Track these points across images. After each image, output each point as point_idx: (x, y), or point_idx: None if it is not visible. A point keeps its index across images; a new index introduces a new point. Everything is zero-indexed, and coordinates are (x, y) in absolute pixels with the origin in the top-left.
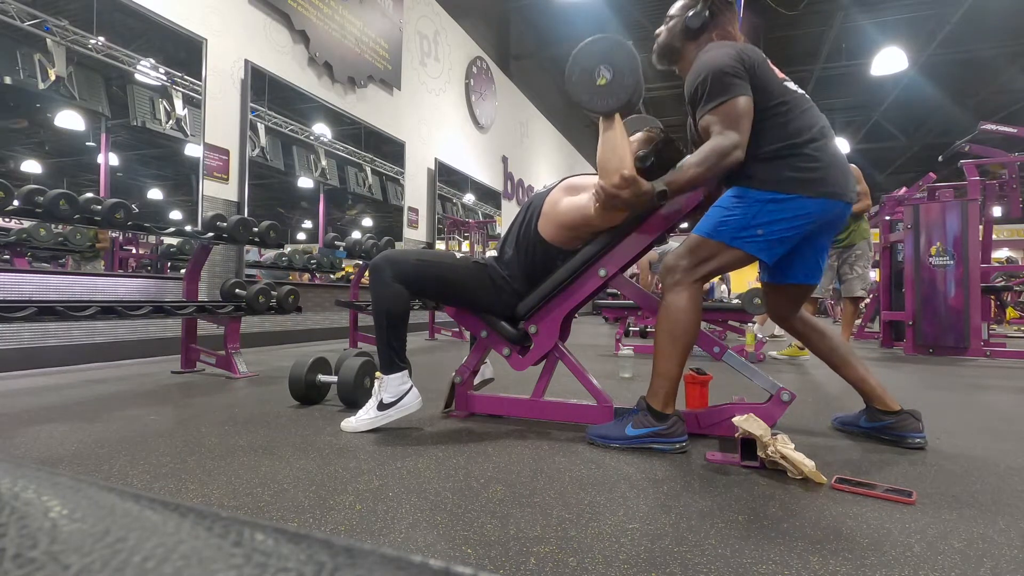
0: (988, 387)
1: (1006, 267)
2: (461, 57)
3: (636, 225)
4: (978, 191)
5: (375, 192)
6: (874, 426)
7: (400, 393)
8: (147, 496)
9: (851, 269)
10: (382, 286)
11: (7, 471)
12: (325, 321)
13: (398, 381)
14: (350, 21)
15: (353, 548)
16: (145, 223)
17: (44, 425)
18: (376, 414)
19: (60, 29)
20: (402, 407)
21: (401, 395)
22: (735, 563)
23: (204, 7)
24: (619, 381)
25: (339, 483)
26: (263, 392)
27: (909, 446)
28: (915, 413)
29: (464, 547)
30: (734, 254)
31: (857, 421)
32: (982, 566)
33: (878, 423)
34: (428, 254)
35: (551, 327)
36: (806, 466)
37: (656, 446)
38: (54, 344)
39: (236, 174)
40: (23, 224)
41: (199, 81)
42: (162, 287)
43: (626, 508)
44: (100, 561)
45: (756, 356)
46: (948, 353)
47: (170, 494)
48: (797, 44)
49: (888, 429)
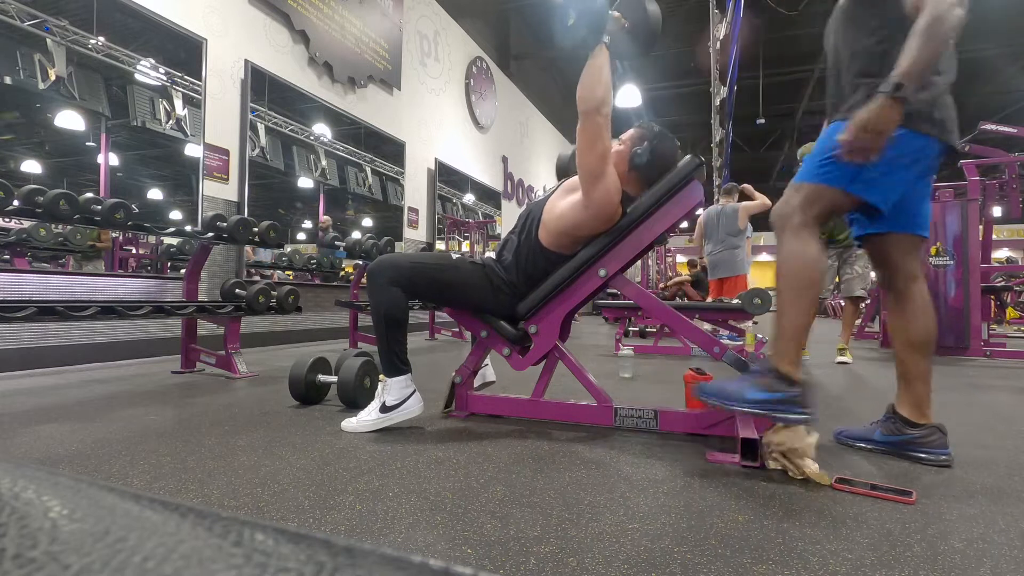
0: (988, 387)
1: (1006, 267)
2: (461, 57)
3: (636, 225)
4: (978, 191)
5: (375, 192)
6: (893, 440)
7: (403, 396)
8: (147, 496)
9: (851, 269)
10: (379, 290)
11: (7, 471)
12: (325, 321)
13: (401, 384)
14: (350, 21)
15: (353, 548)
16: (145, 223)
17: (44, 425)
18: (378, 416)
19: (60, 29)
20: (404, 410)
21: (404, 398)
22: (735, 563)
23: (204, 7)
24: (619, 381)
25: (339, 483)
26: (263, 392)
27: (933, 464)
28: (941, 427)
29: (464, 547)
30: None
31: (870, 435)
32: (982, 566)
33: (899, 437)
34: (424, 257)
35: (551, 327)
36: (809, 468)
37: (783, 415)
38: (54, 344)
39: (236, 174)
40: (23, 224)
41: (199, 81)
42: (162, 287)
43: (626, 508)
44: (100, 561)
45: (756, 356)
46: (948, 353)
47: (170, 494)
48: (797, 44)
49: (911, 444)
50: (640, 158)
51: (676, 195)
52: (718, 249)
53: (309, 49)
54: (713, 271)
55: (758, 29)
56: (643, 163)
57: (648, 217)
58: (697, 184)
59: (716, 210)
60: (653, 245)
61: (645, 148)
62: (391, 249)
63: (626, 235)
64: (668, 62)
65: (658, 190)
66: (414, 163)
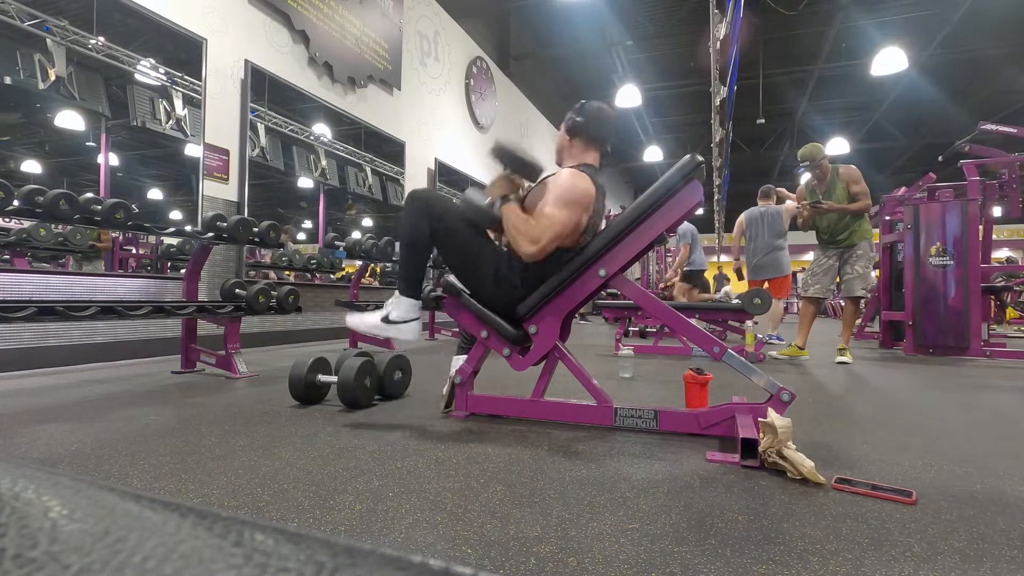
0: (988, 387)
1: (1006, 267)
2: (461, 57)
3: (636, 225)
4: (978, 191)
5: (375, 192)
6: None
7: (407, 317)
8: (147, 496)
9: (852, 269)
10: (411, 215)
11: (7, 471)
12: (325, 321)
13: (409, 306)
14: (350, 21)
15: (353, 548)
16: (145, 223)
17: (44, 425)
18: (380, 324)
19: (60, 29)
20: (403, 329)
21: (407, 319)
22: (735, 563)
23: (204, 7)
24: (619, 381)
25: (339, 483)
26: (263, 392)
27: None
28: None
29: (464, 547)
30: None
31: None
32: (982, 566)
33: None
34: (465, 211)
35: (551, 327)
36: (805, 466)
37: None
38: (54, 344)
39: (236, 174)
40: (23, 224)
41: (199, 81)
42: (162, 287)
43: (626, 508)
44: (100, 561)
45: (756, 356)
46: (948, 353)
47: (170, 494)
48: (797, 44)
49: None
50: (575, 124)
51: (676, 195)
52: (764, 250)
53: (309, 49)
54: (758, 272)
55: (758, 29)
56: (578, 125)
57: (648, 217)
58: (697, 184)
59: (759, 212)
60: (653, 245)
61: (574, 117)
62: (391, 249)
63: (626, 235)
64: (668, 62)
65: (658, 189)
66: (414, 163)
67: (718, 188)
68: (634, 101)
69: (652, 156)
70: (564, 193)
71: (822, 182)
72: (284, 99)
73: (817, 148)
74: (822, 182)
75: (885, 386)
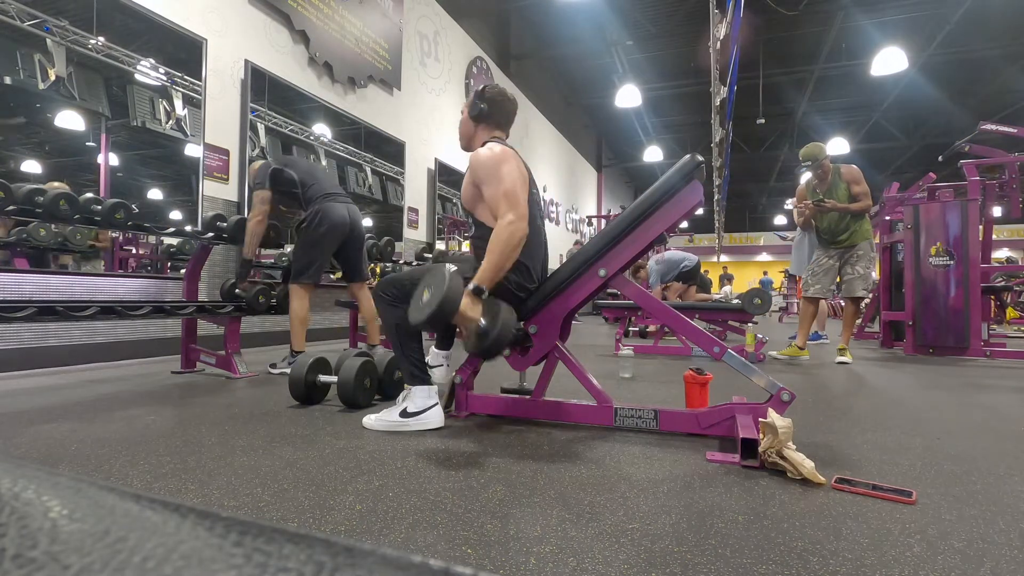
0: (988, 387)
1: (1006, 267)
2: (461, 57)
3: (636, 225)
4: (978, 191)
5: (375, 192)
6: None
7: (424, 407)
8: (147, 496)
9: (852, 269)
10: (386, 309)
11: (7, 471)
12: (325, 321)
13: (424, 394)
14: (350, 21)
15: (353, 548)
16: (145, 223)
17: (44, 425)
18: (398, 420)
19: (60, 29)
20: (423, 420)
21: (425, 408)
22: (735, 563)
23: (204, 7)
24: (619, 381)
25: (339, 483)
26: (263, 392)
27: None
28: None
29: (464, 547)
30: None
31: None
32: (982, 566)
33: None
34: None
35: (551, 327)
36: (805, 466)
37: None
38: (54, 344)
39: (236, 174)
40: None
41: (199, 81)
42: (162, 287)
43: (626, 508)
44: (100, 561)
45: (756, 356)
46: (948, 353)
47: (170, 494)
48: (797, 44)
49: None
50: (480, 111)
51: (676, 195)
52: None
53: (309, 49)
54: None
55: (758, 29)
56: (483, 112)
57: (648, 217)
58: (697, 184)
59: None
60: (653, 245)
61: (479, 104)
62: (391, 249)
63: (626, 235)
64: (668, 62)
65: (658, 189)
66: (414, 163)
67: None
68: (634, 101)
69: (652, 156)
70: (491, 168)
71: (823, 182)
72: (284, 99)
73: (819, 148)
74: (823, 182)
75: (885, 386)
